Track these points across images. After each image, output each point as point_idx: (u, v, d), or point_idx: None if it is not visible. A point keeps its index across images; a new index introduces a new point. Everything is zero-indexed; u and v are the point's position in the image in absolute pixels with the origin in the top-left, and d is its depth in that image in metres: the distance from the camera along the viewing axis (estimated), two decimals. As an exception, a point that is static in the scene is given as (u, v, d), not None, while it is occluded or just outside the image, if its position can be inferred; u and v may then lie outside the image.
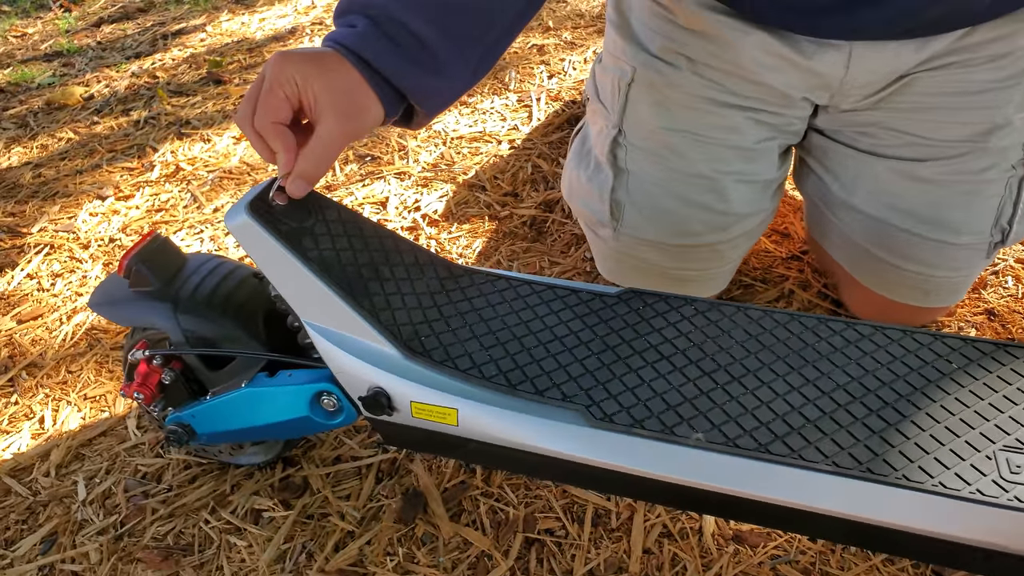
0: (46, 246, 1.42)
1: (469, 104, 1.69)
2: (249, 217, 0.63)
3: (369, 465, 0.92)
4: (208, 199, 1.49)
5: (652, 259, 0.95)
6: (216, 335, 0.77)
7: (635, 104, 0.91)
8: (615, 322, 0.69)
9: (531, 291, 0.74)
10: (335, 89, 0.61)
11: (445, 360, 0.64)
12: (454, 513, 0.86)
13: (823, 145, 0.92)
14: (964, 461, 0.53)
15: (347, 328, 0.65)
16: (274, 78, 0.61)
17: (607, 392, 0.62)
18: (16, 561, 0.88)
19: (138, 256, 0.76)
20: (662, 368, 0.64)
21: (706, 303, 0.71)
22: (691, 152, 0.88)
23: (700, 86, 0.86)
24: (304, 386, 0.71)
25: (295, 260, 0.64)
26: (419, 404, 0.63)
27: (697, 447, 0.56)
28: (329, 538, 0.85)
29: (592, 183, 0.95)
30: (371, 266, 0.69)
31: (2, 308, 1.28)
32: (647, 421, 0.59)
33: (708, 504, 0.59)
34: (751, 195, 0.91)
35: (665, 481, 0.58)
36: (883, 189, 0.86)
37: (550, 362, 0.65)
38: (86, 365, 1.14)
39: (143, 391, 0.79)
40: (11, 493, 0.96)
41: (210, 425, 0.79)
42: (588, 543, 0.81)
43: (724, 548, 0.80)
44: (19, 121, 1.93)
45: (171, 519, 0.90)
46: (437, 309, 0.70)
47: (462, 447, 0.65)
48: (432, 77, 0.64)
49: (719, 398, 0.60)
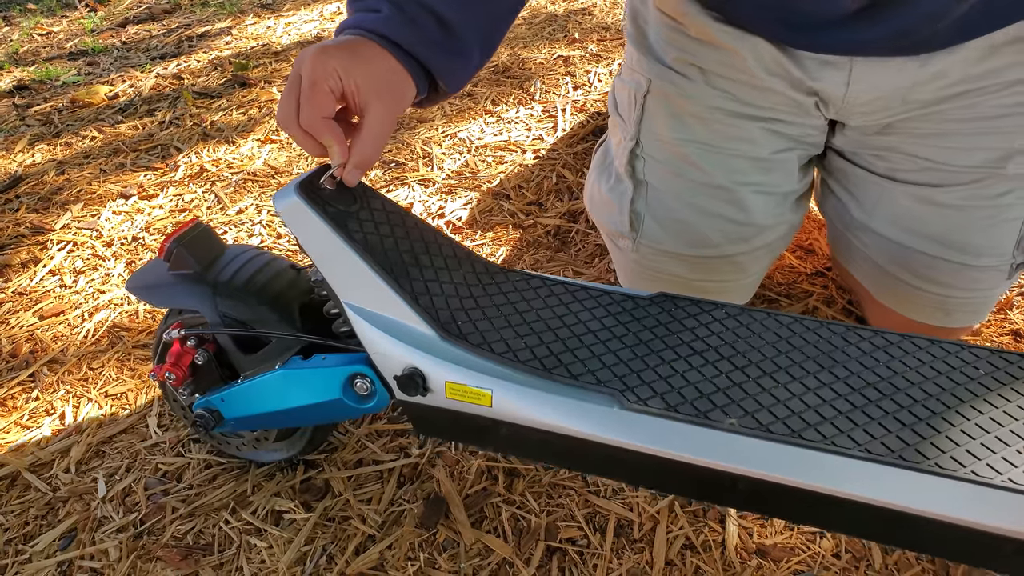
0: (69, 243, 1.43)
1: (494, 113, 1.70)
2: (299, 198, 0.65)
3: (391, 469, 0.92)
4: (232, 200, 1.50)
5: (672, 270, 0.94)
6: (252, 319, 0.78)
7: (651, 115, 0.91)
8: (648, 320, 0.70)
9: (565, 290, 0.74)
10: (376, 76, 0.63)
11: (481, 344, 0.65)
12: (476, 520, 0.85)
13: (843, 167, 0.92)
14: (995, 453, 0.53)
15: (386, 309, 0.66)
16: (316, 74, 0.61)
17: (641, 379, 0.62)
18: (35, 556, 0.88)
19: (179, 239, 0.78)
20: (695, 361, 0.64)
21: (737, 308, 0.72)
22: (707, 163, 0.88)
23: (713, 96, 0.86)
24: (338, 368, 0.71)
25: (340, 240, 0.65)
26: (454, 384, 0.64)
27: (731, 431, 0.56)
28: (350, 541, 0.84)
29: (612, 194, 0.96)
30: (412, 253, 0.70)
31: (24, 304, 1.29)
32: (681, 406, 0.59)
33: (737, 494, 0.58)
34: (770, 206, 0.90)
35: (697, 465, 0.58)
36: (902, 213, 0.86)
37: (584, 351, 0.65)
38: (107, 362, 1.14)
39: (175, 371, 0.80)
40: (31, 488, 0.96)
41: (240, 409, 0.80)
42: (610, 553, 0.81)
43: (747, 561, 0.79)
44: (43, 119, 1.95)
45: (191, 518, 0.90)
46: (473, 299, 0.71)
47: (493, 432, 0.66)
48: (455, 57, 0.67)
49: (752, 389, 0.61)
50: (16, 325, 1.24)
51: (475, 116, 1.70)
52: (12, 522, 0.92)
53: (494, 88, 1.81)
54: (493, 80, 1.86)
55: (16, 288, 1.32)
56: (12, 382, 1.12)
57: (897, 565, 0.78)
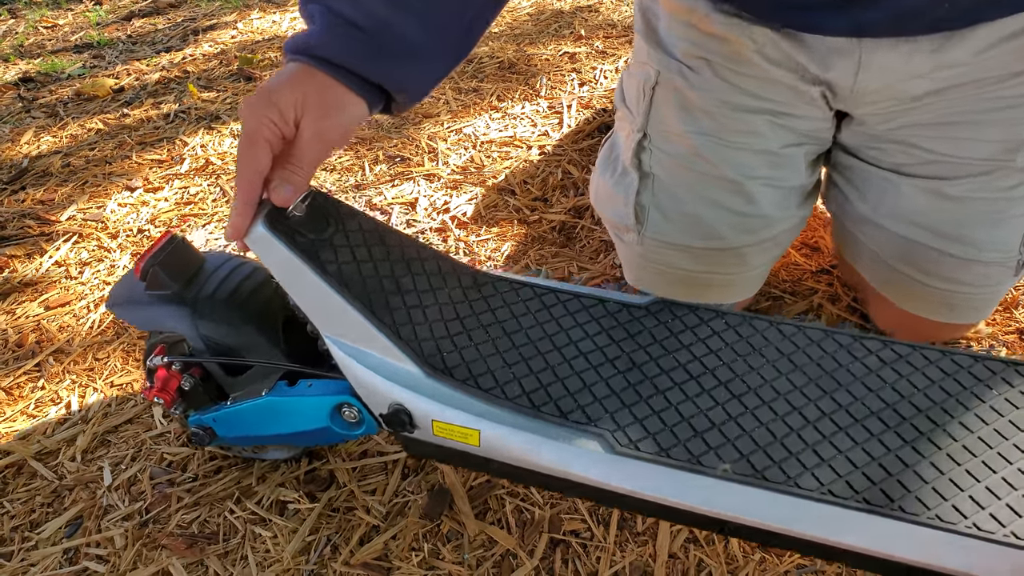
0: (75, 234, 1.43)
1: (500, 109, 1.70)
2: (265, 229, 0.61)
3: (395, 461, 0.92)
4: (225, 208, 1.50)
5: (677, 263, 0.94)
6: (235, 342, 0.76)
7: (659, 107, 0.91)
8: (642, 337, 0.68)
9: (556, 300, 0.72)
10: (307, 96, 0.60)
11: (467, 379, 0.63)
12: (480, 511, 0.86)
13: (848, 163, 0.92)
14: (1000, 500, 0.52)
15: (367, 344, 0.64)
16: (249, 126, 0.59)
17: (632, 416, 0.61)
18: (41, 543, 0.88)
19: (154, 259, 0.74)
20: (690, 390, 0.63)
21: (737, 317, 0.70)
22: (716, 156, 0.88)
23: (721, 90, 0.86)
24: (325, 398, 0.71)
25: (313, 274, 0.62)
26: (440, 423, 0.62)
27: (724, 478, 0.56)
28: (354, 532, 0.85)
29: (618, 188, 0.96)
30: (392, 278, 0.67)
31: (30, 294, 1.29)
32: (673, 449, 0.58)
33: (734, 530, 0.58)
34: (779, 199, 0.90)
35: (689, 511, 0.57)
36: (907, 207, 0.86)
37: (574, 381, 0.64)
38: (113, 353, 1.15)
39: (163, 396, 0.78)
40: (37, 476, 0.97)
41: (231, 430, 0.80)
42: (613, 546, 0.81)
43: (750, 556, 0.79)
44: (49, 110, 1.95)
45: (196, 508, 0.90)
46: (460, 322, 0.68)
47: (483, 465, 0.65)
48: (403, 63, 0.63)
49: (748, 424, 0.59)
50: (22, 315, 1.24)
51: (481, 111, 1.70)
52: (18, 509, 0.92)
53: (499, 84, 1.82)
54: (499, 76, 1.86)
55: (22, 278, 1.32)
56: (18, 371, 1.13)
57: (899, 560, 0.78)
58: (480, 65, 1.92)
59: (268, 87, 0.61)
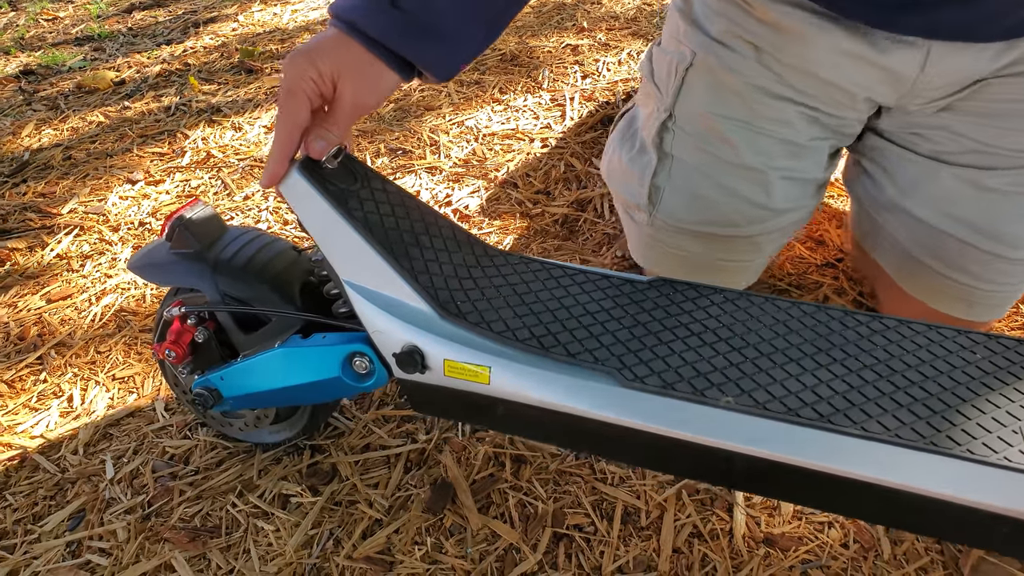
0: (76, 227, 1.43)
1: (502, 101, 1.69)
2: (299, 175, 0.65)
3: (398, 455, 0.92)
4: (239, 187, 1.50)
5: (685, 246, 0.94)
6: (252, 298, 0.78)
7: (690, 88, 0.90)
8: (646, 303, 0.70)
9: (563, 273, 0.75)
10: (346, 64, 0.64)
11: (479, 323, 0.65)
12: (483, 505, 0.85)
13: (881, 146, 0.90)
14: (991, 433, 0.53)
15: (385, 287, 0.67)
16: (290, 82, 0.63)
17: (638, 359, 0.62)
18: (44, 536, 0.88)
19: (181, 219, 0.78)
20: (692, 343, 0.64)
21: (736, 292, 0.72)
22: (740, 142, 0.87)
23: (760, 75, 0.85)
24: (337, 347, 0.72)
25: (340, 218, 0.66)
26: (452, 362, 0.64)
27: (728, 409, 0.57)
28: (357, 525, 0.85)
29: (633, 165, 0.95)
30: (412, 233, 0.70)
31: (31, 287, 1.29)
32: (678, 384, 0.59)
33: (733, 473, 0.58)
34: (794, 192, 0.90)
35: (694, 443, 0.58)
36: (941, 195, 0.85)
37: (582, 332, 0.66)
38: (115, 346, 1.14)
39: (175, 349, 0.80)
40: (39, 469, 0.96)
41: (239, 387, 0.80)
42: (617, 540, 0.81)
43: (755, 551, 0.79)
44: (50, 103, 1.95)
45: (198, 501, 0.90)
46: (472, 280, 0.71)
47: (491, 411, 0.66)
48: (436, 44, 0.65)
49: (748, 369, 0.61)
50: (24, 308, 1.24)
51: (483, 104, 1.69)
52: (21, 502, 0.92)
53: (502, 76, 1.81)
54: (501, 68, 1.85)
55: (23, 271, 1.32)
56: (20, 364, 1.12)
57: (906, 555, 0.78)
58: (482, 57, 1.91)
59: (311, 48, 0.64)
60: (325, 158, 0.67)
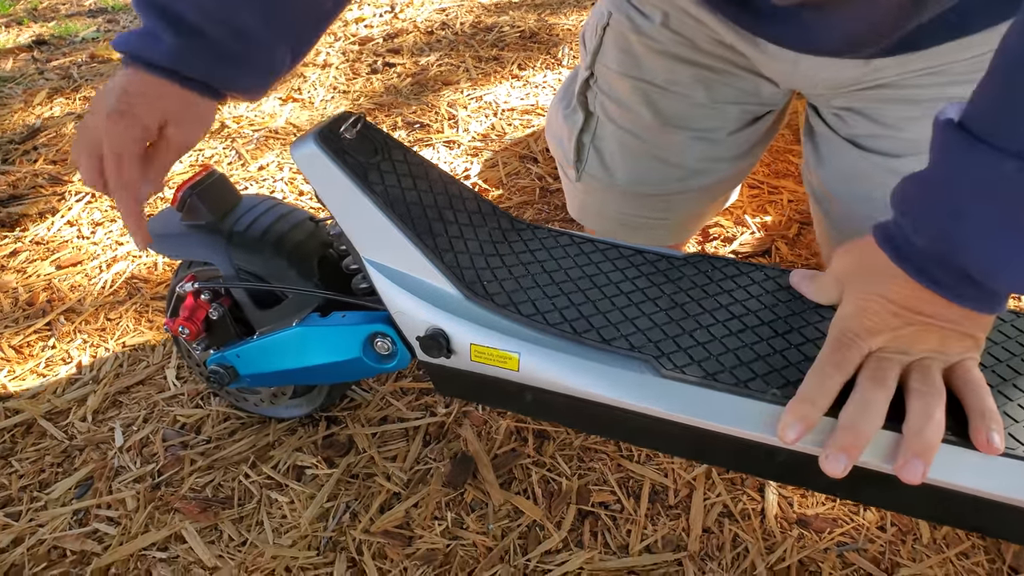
0: (87, 195, 1.40)
1: (521, 78, 1.66)
2: (317, 146, 0.61)
3: (416, 428, 0.89)
4: (253, 157, 1.47)
5: (611, 203, 0.93)
6: (268, 273, 0.74)
7: (607, 49, 0.89)
8: (683, 282, 0.66)
9: (594, 248, 0.71)
10: (172, 110, 0.63)
11: (507, 304, 0.61)
12: (504, 481, 0.83)
13: (813, 123, 0.87)
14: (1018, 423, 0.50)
15: (408, 267, 0.63)
16: (119, 146, 0.62)
17: (676, 345, 0.58)
18: (50, 504, 0.86)
19: (193, 188, 0.74)
20: (733, 327, 0.60)
21: (777, 271, 0.68)
22: (650, 103, 0.86)
23: (669, 39, 0.83)
24: (359, 327, 0.68)
25: (360, 192, 0.62)
26: (479, 347, 0.61)
27: (774, 402, 0.53)
28: (374, 499, 0.82)
29: (567, 122, 0.94)
30: (435, 208, 0.66)
31: (41, 253, 1.26)
32: (720, 375, 0.55)
33: (775, 465, 0.55)
34: (707, 153, 0.88)
35: (737, 437, 0.54)
36: (855, 176, 0.80)
37: (616, 314, 0.62)
38: (125, 313, 1.12)
39: (189, 326, 0.77)
40: (46, 436, 0.94)
41: (255, 366, 0.77)
42: (644, 519, 0.78)
43: (788, 532, 0.76)
44: (62, 72, 1.92)
45: (210, 471, 0.87)
46: (499, 257, 0.67)
47: (519, 397, 0.62)
48: (251, 70, 0.65)
49: (794, 357, 0.57)
50: (33, 274, 1.21)
51: (501, 80, 1.66)
52: (27, 469, 0.90)
53: (521, 53, 1.77)
54: (520, 45, 1.81)
55: (33, 237, 1.30)
56: (28, 330, 1.10)
57: (946, 540, 0.75)
58: (501, 34, 1.88)
59: (121, 102, 0.61)
60: (343, 127, 0.63)
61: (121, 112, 0.61)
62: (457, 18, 2.04)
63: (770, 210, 1.23)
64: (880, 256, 0.50)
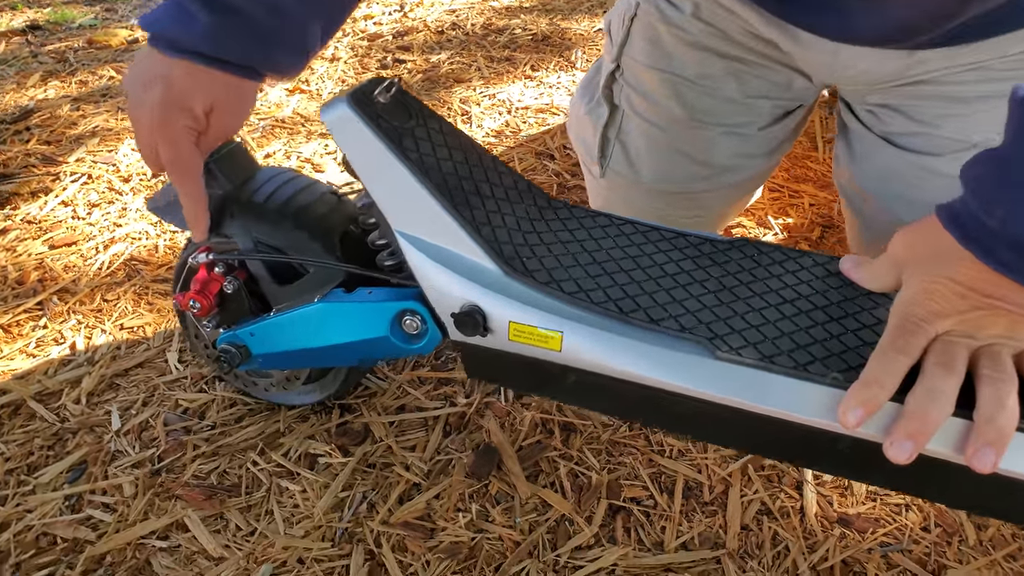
0: (84, 175, 1.35)
1: (534, 78, 1.64)
2: (349, 109, 0.58)
3: (436, 417, 0.85)
4: (259, 145, 1.43)
5: (635, 201, 0.91)
6: (289, 246, 0.70)
7: (634, 40, 0.86)
8: (730, 266, 0.63)
9: (635, 230, 0.67)
10: (218, 96, 0.62)
11: (549, 282, 0.58)
12: (531, 473, 0.78)
13: (846, 120, 0.85)
14: None
15: (443, 239, 0.59)
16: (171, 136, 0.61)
17: (729, 327, 0.55)
18: (40, 488, 0.80)
19: (210, 156, 0.69)
20: (787, 310, 0.57)
21: (826, 257, 0.65)
22: (679, 97, 0.83)
23: (700, 31, 0.81)
24: (387, 303, 0.64)
25: (394, 158, 0.58)
26: (519, 325, 0.57)
27: (835, 386, 0.49)
28: (393, 489, 0.77)
29: (590, 116, 0.91)
30: (471, 180, 0.62)
31: (33, 232, 1.20)
32: (777, 358, 0.52)
33: (834, 455, 0.52)
34: (737, 149, 0.85)
35: (796, 423, 0.51)
36: (891, 175, 0.78)
37: (663, 295, 0.58)
38: (123, 295, 1.06)
39: (201, 300, 0.72)
40: (36, 418, 0.88)
41: (271, 345, 0.72)
42: (679, 515, 0.74)
43: (829, 531, 0.72)
44: (58, 56, 1.87)
45: (215, 458, 0.82)
46: (537, 235, 0.63)
47: (558, 380, 0.58)
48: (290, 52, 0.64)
49: (851, 342, 0.54)
50: (24, 253, 1.15)
51: (514, 79, 1.63)
52: (15, 452, 0.84)
53: (533, 55, 1.75)
54: (532, 47, 1.80)
55: (24, 216, 1.24)
56: (18, 309, 1.04)
57: (992, 542, 0.72)
58: (513, 36, 1.86)
59: (169, 91, 0.60)
60: (377, 91, 0.60)
61: (164, 101, 0.60)
62: (468, 19, 2.02)
63: (792, 213, 1.21)
64: (945, 238, 0.47)
